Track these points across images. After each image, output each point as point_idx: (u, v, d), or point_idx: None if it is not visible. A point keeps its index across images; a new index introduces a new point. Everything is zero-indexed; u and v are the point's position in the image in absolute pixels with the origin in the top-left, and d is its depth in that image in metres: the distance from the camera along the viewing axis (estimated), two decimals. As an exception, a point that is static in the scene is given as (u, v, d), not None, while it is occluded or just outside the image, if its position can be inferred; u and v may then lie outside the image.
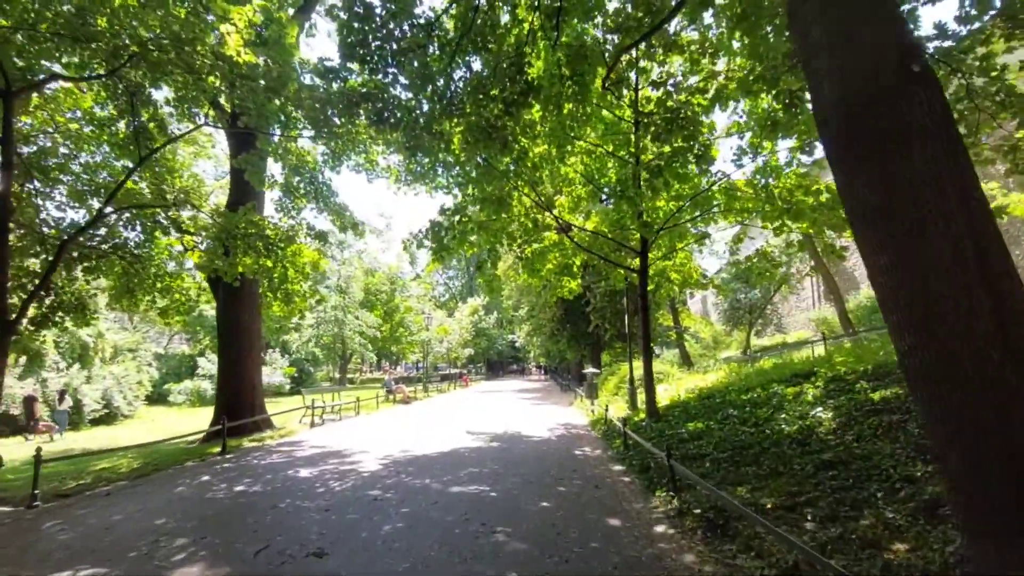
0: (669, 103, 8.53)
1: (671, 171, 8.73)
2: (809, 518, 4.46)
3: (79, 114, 10.98)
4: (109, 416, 24.16)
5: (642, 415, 11.73)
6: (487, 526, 5.10)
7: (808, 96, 9.13)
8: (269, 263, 11.82)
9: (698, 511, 5.05)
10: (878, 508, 4.34)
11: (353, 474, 7.72)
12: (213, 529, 5.31)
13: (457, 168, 12.80)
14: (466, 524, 5.19)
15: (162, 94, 11.50)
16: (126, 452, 11.28)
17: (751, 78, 8.05)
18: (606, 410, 11.68)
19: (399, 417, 16.22)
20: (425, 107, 10.07)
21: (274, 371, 33.21)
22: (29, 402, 17.02)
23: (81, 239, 10.42)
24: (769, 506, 4.85)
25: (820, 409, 7.22)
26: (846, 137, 3.04)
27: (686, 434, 8.51)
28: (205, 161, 17.44)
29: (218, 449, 10.54)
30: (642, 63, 9.47)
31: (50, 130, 10.80)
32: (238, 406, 12.88)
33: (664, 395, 14.46)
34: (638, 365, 20.01)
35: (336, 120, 10.60)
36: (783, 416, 7.66)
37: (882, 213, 2.87)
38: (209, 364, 31.50)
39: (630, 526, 5.02)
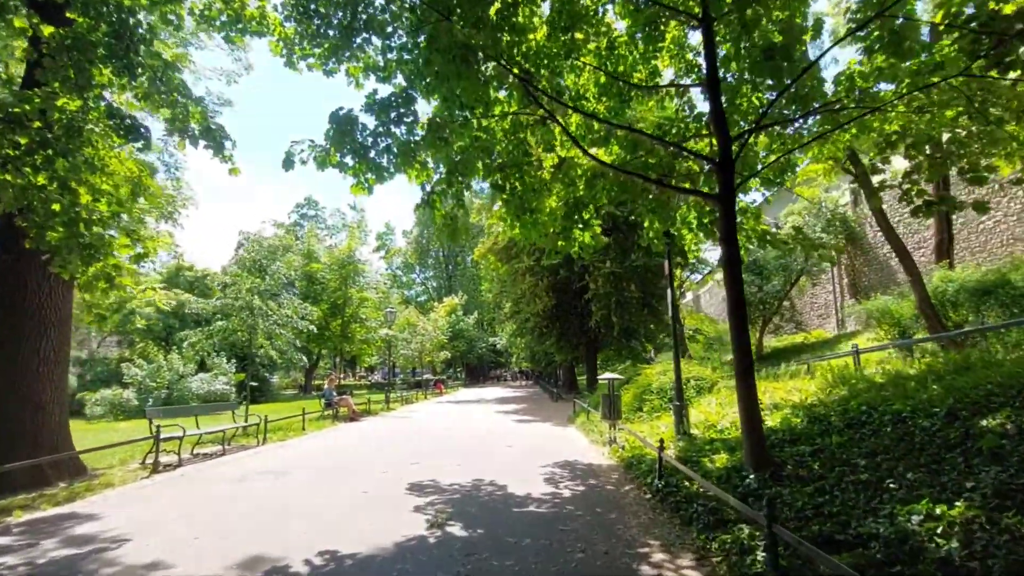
0: None
1: None
2: None
3: None
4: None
5: (723, 460, 6.46)
6: None
7: None
8: (41, 179, 6.34)
9: None
10: None
11: None
12: None
13: (400, 36, 7.53)
14: None
15: None
16: None
17: None
18: (661, 448, 6.36)
19: (320, 450, 10.72)
20: None
21: (215, 377, 27.42)
22: None
23: None
24: None
25: None
26: None
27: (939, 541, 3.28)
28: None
29: None
30: None
31: None
32: (7, 439, 7.32)
33: (722, 414, 9.28)
34: (662, 369, 14.81)
35: None
36: None
37: None
38: (137, 371, 25.95)
39: None
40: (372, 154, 6.94)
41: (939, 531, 3.39)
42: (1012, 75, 4.99)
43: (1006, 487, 3.66)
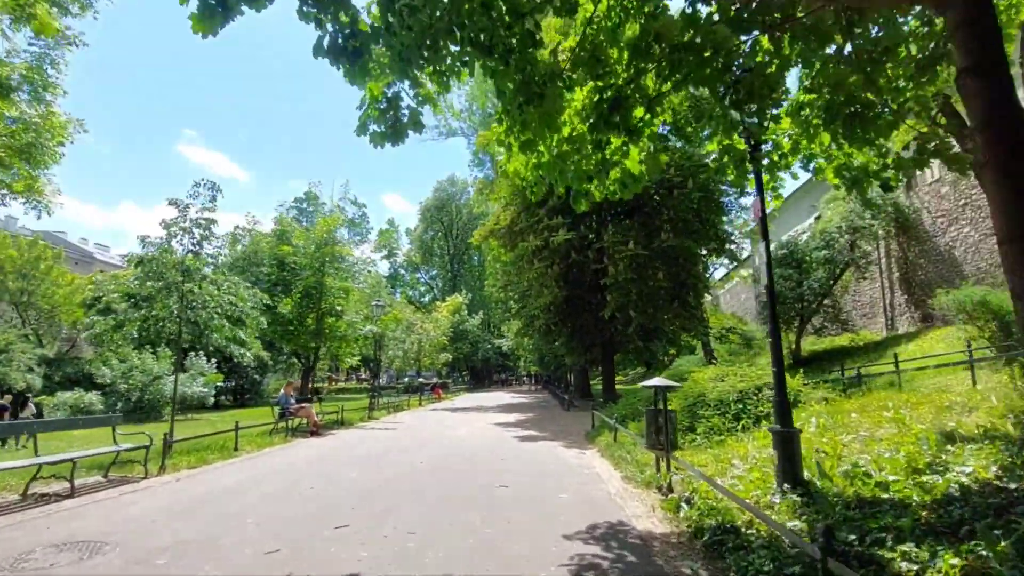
0: None
1: None
2: None
3: None
4: None
5: (953, 569, 2.96)
6: None
7: None
8: None
9: None
10: None
11: None
12: None
13: None
14: None
15: None
16: None
17: None
18: (828, 545, 2.88)
19: (220, 490, 7.27)
20: None
21: (193, 379, 24.36)
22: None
23: None
24: None
25: None
26: None
27: None
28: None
29: None
30: None
31: None
32: None
33: (837, 444, 5.75)
34: (719, 372, 11.21)
35: None
36: None
37: None
38: (108, 371, 23.10)
39: None
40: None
41: None
42: None
43: None
